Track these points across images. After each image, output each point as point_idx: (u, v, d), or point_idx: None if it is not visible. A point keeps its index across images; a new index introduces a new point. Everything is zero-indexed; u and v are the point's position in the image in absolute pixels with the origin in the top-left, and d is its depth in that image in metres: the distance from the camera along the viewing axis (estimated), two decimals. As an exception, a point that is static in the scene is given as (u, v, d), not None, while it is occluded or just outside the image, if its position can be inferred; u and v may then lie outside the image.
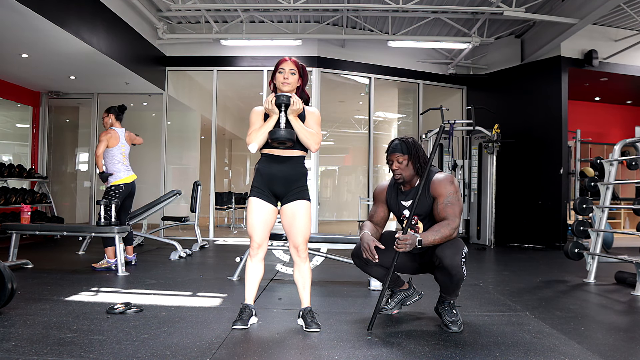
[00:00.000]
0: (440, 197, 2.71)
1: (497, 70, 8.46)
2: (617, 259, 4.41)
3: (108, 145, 4.79)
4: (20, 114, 8.40)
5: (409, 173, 2.80)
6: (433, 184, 2.74)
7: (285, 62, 2.77)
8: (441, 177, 2.75)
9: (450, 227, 2.64)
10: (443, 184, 2.72)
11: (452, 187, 2.71)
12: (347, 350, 2.36)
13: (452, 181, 2.74)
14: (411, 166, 2.79)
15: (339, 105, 10.93)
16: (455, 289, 2.78)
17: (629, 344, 2.59)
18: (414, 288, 3.16)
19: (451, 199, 2.70)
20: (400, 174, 2.80)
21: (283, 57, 2.81)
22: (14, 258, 4.61)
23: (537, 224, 7.58)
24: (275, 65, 2.79)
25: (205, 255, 6.13)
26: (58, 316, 2.86)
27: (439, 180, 2.74)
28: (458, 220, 2.69)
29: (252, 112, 2.82)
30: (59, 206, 8.21)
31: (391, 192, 2.94)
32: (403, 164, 2.79)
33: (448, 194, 2.70)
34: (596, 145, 9.59)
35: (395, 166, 2.81)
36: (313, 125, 2.79)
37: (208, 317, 2.97)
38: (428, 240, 2.62)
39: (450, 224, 2.66)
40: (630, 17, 7.14)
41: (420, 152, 2.81)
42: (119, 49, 6.32)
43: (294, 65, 2.77)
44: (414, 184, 2.85)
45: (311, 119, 2.80)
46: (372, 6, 7.04)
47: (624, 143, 4.60)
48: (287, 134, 2.66)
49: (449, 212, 2.69)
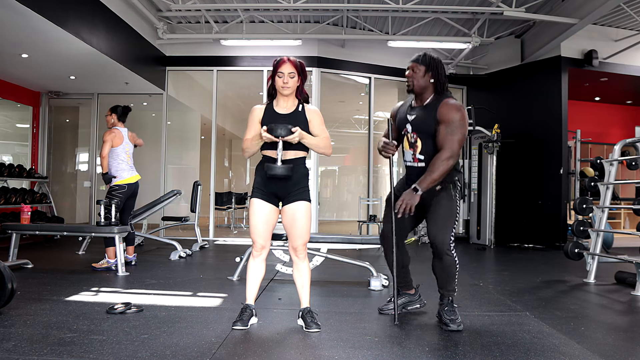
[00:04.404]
0: (444, 123, 2.69)
1: (497, 70, 8.45)
2: (617, 259, 4.41)
3: (112, 145, 4.77)
4: (20, 114, 8.40)
5: (419, 84, 2.81)
6: (441, 107, 2.72)
7: (284, 65, 2.68)
8: (451, 102, 2.73)
9: (444, 163, 2.63)
10: (451, 110, 2.70)
11: (458, 114, 2.68)
12: (347, 350, 2.36)
13: (459, 108, 2.70)
14: (426, 79, 2.79)
15: (339, 105, 10.92)
16: (448, 278, 2.80)
17: (629, 344, 2.60)
18: (420, 295, 3.17)
19: (454, 127, 2.66)
20: (411, 82, 2.83)
21: (281, 58, 2.71)
22: (14, 258, 4.61)
23: (537, 224, 7.57)
24: (274, 66, 2.71)
25: (205, 255, 6.13)
26: (58, 316, 2.86)
27: (448, 104, 2.71)
28: (455, 148, 2.66)
29: (251, 112, 2.80)
30: (59, 206, 8.21)
31: (404, 107, 2.95)
32: (418, 74, 2.81)
33: (453, 121, 2.67)
34: (596, 145, 9.58)
35: (409, 74, 2.83)
36: (319, 127, 2.74)
37: (208, 317, 2.97)
38: (425, 185, 2.62)
39: (441, 156, 2.65)
40: (630, 17, 7.14)
41: (441, 70, 2.80)
42: (119, 49, 6.31)
43: (293, 67, 2.69)
44: (424, 99, 2.83)
45: (316, 119, 2.75)
46: (372, 6, 7.04)
47: (624, 143, 4.61)
48: (285, 170, 2.62)
49: (447, 141, 2.67)
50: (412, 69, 2.84)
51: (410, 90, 2.87)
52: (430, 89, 2.82)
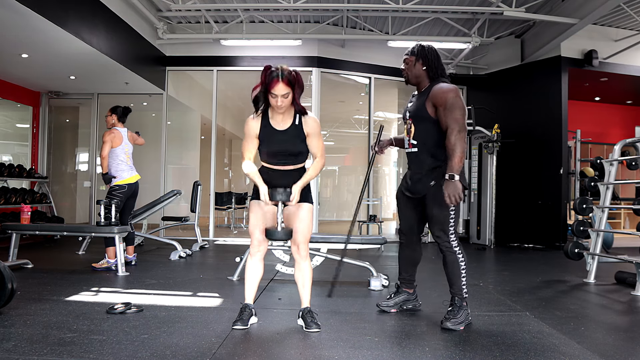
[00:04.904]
0: (440, 106, 2.77)
1: (497, 70, 8.45)
2: (617, 259, 4.41)
3: (112, 145, 4.78)
4: (20, 114, 8.40)
5: (413, 74, 2.93)
6: (433, 92, 2.81)
7: (277, 86, 2.50)
8: (440, 85, 2.82)
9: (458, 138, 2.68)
10: (441, 92, 2.78)
11: (450, 93, 2.76)
12: (347, 350, 2.36)
13: (449, 88, 2.78)
14: (418, 68, 2.90)
15: (339, 105, 10.92)
16: (453, 277, 2.85)
17: (629, 344, 2.60)
18: (417, 297, 3.23)
19: (450, 104, 2.74)
20: (406, 74, 2.97)
21: (272, 77, 2.51)
22: (14, 258, 4.61)
23: (537, 224, 7.57)
24: (265, 81, 2.54)
25: (205, 255, 6.13)
26: (58, 316, 2.86)
27: (438, 88, 2.81)
28: (460, 121, 2.72)
29: (246, 124, 2.73)
30: (59, 206, 8.20)
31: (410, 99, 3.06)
32: (410, 65, 2.93)
33: (447, 100, 2.75)
34: (596, 145, 9.58)
35: (403, 66, 2.98)
36: (316, 142, 2.70)
37: (208, 317, 2.97)
38: (453, 168, 2.70)
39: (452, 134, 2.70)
40: (630, 17, 7.14)
41: (430, 57, 2.88)
42: (119, 49, 6.31)
43: (286, 87, 2.52)
44: (423, 87, 2.94)
45: (314, 132, 2.69)
46: (372, 6, 7.04)
47: (624, 143, 4.61)
48: (285, 234, 2.62)
49: (450, 119, 2.74)
50: (405, 62, 2.98)
51: (407, 81, 3.00)
52: (425, 77, 2.92)
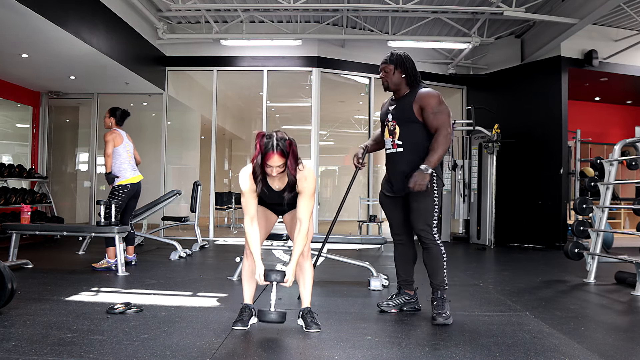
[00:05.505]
0: (426, 110, 2.91)
1: (497, 70, 8.45)
2: (617, 259, 4.41)
3: (114, 144, 4.79)
4: (20, 114, 8.40)
5: (393, 82, 3.04)
6: (418, 96, 2.96)
7: (272, 158, 2.44)
8: (424, 91, 2.97)
9: (444, 139, 2.87)
10: (426, 97, 2.93)
11: (435, 98, 2.92)
12: (347, 350, 2.36)
13: (435, 94, 2.94)
14: (397, 75, 3.02)
15: (339, 105, 10.92)
16: (437, 270, 2.94)
17: (629, 344, 2.60)
18: (417, 299, 3.24)
19: (436, 108, 2.90)
20: (385, 82, 3.07)
21: (267, 149, 2.43)
22: (14, 258, 4.61)
23: (537, 224, 7.57)
24: (262, 152, 2.46)
25: (205, 255, 6.13)
26: (58, 316, 2.86)
27: (422, 94, 2.96)
28: (447, 123, 2.89)
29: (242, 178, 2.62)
30: (59, 206, 8.20)
31: (386, 103, 3.18)
32: (389, 73, 3.04)
33: (432, 105, 2.91)
34: (596, 145, 9.58)
35: (382, 74, 3.08)
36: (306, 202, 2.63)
37: (208, 317, 2.97)
38: (431, 162, 2.85)
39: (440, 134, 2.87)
40: (630, 17, 7.14)
41: (408, 65, 3.02)
42: (119, 49, 6.31)
43: (281, 158, 2.46)
44: (402, 93, 3.06)
45: (306, 191, 2.62)
46: (372, 6, 7.04)
47: (624, 143, 4.60)
48: (278, 317, 2.60)
49: (438, 121, 2.89)
50: (383, 69, 3.07)
51: (386, 88, 3.10)
52: (404, 84, 3.03)
